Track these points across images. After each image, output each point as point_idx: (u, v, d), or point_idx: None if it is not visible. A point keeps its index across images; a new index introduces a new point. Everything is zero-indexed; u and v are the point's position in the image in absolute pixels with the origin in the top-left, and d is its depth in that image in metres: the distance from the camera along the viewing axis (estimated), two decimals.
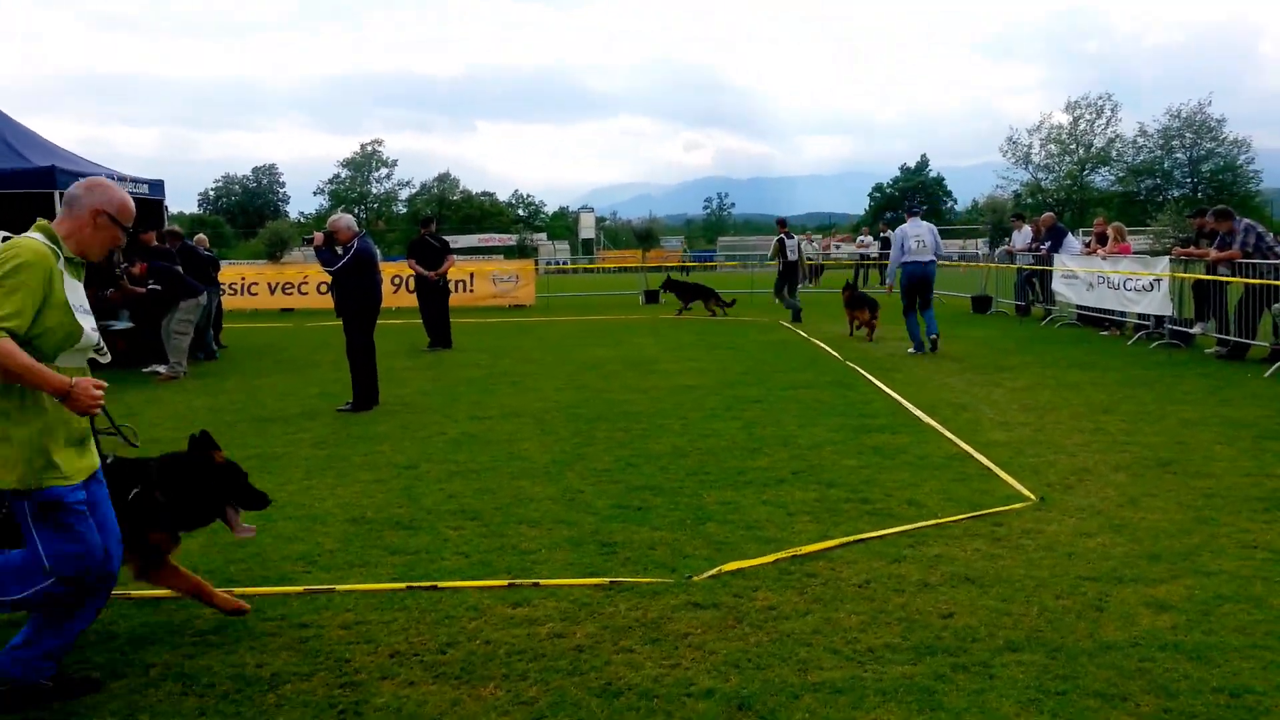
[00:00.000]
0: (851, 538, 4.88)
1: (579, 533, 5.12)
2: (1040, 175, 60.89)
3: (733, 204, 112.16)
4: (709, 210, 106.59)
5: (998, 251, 21.29)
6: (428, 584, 4.35)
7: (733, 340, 14.48)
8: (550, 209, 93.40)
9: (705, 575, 4.40)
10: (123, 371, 11.98)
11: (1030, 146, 60.81)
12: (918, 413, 8.13)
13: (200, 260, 13.43)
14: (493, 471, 6.50)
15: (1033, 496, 5.55)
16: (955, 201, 76.17)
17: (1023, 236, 18.64)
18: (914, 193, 73.32)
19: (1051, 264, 16.08)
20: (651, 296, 23.29)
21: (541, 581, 4.36)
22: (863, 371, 10.62)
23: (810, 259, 27.30)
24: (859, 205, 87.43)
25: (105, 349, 3.50)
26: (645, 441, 7.33)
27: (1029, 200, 55.32)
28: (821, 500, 5.62)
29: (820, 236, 40.40)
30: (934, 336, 12.37)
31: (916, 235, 12.33)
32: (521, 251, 53.97)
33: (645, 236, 37.32)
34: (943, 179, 76.66)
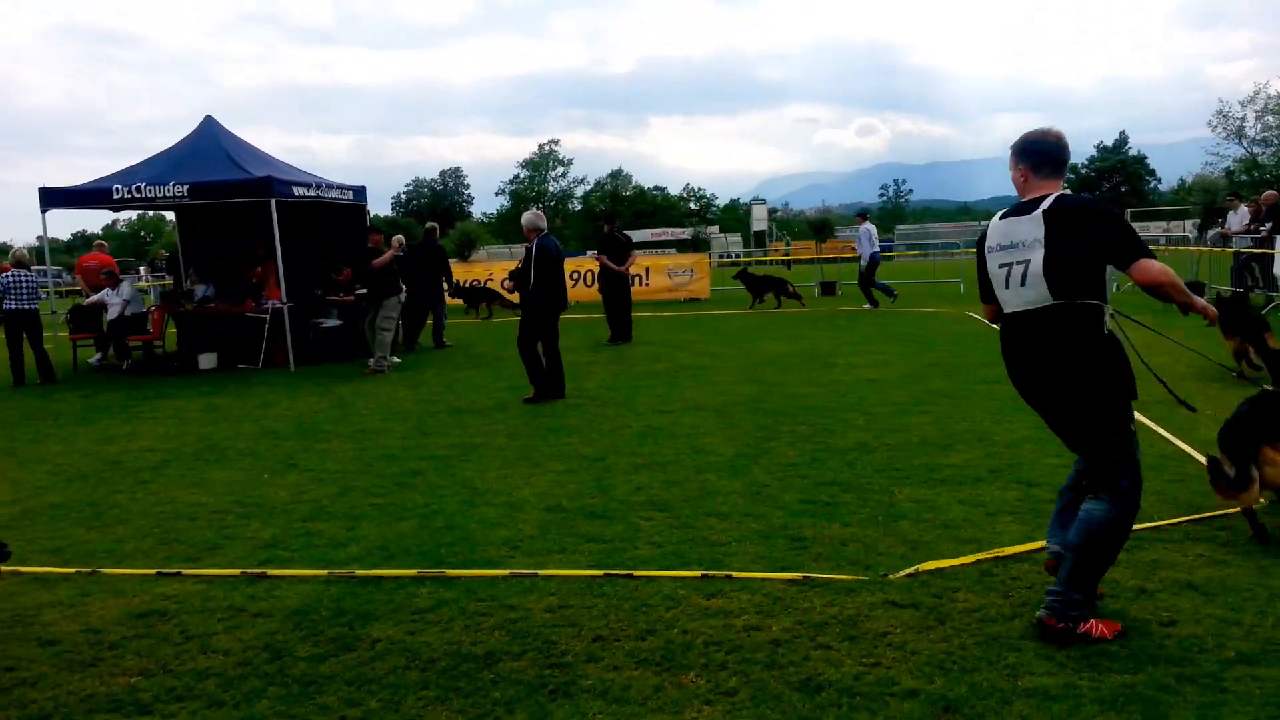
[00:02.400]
0: None
1: (768, 526, 5.13)
2: (1256, 150, 55.62)
3: (910, 190, 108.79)
4: (885, 198, 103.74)
5: (1210, 234, 19.70)
6: (624, 572, 4.47)
7: (916, 332, 14.06)
8: (721, 201, 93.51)
9: (902, 574, 4.32)
10: (332, 365, 12.92)
11: (1244, 119, 55.56)
12: None
13: (433, 258, 14.97)
14: (678, 464, 6.60)
15: (1262, 500, 5.12)
16: (1159, 181, 70.80)
17: (1240, 217, 17.15)
18: (1111, 173, 68.68)
19: (1274, 246, 14.71)
20: (828, 288, 22.93)
21: (734, 574, 4.40)
22: None
23: None
24: None
25: None
26: (829, 436, 7.25)
27: (1244, 178, 50.67)
28: (1024, 500, 5.40)
29: None
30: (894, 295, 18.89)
31: (871, 233, 18.52)
32: (695, 245, 54.26)
33: (820, 227, 36.76)
34: (1144, 157, 71.39)
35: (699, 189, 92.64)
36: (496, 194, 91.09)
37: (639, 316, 16.11)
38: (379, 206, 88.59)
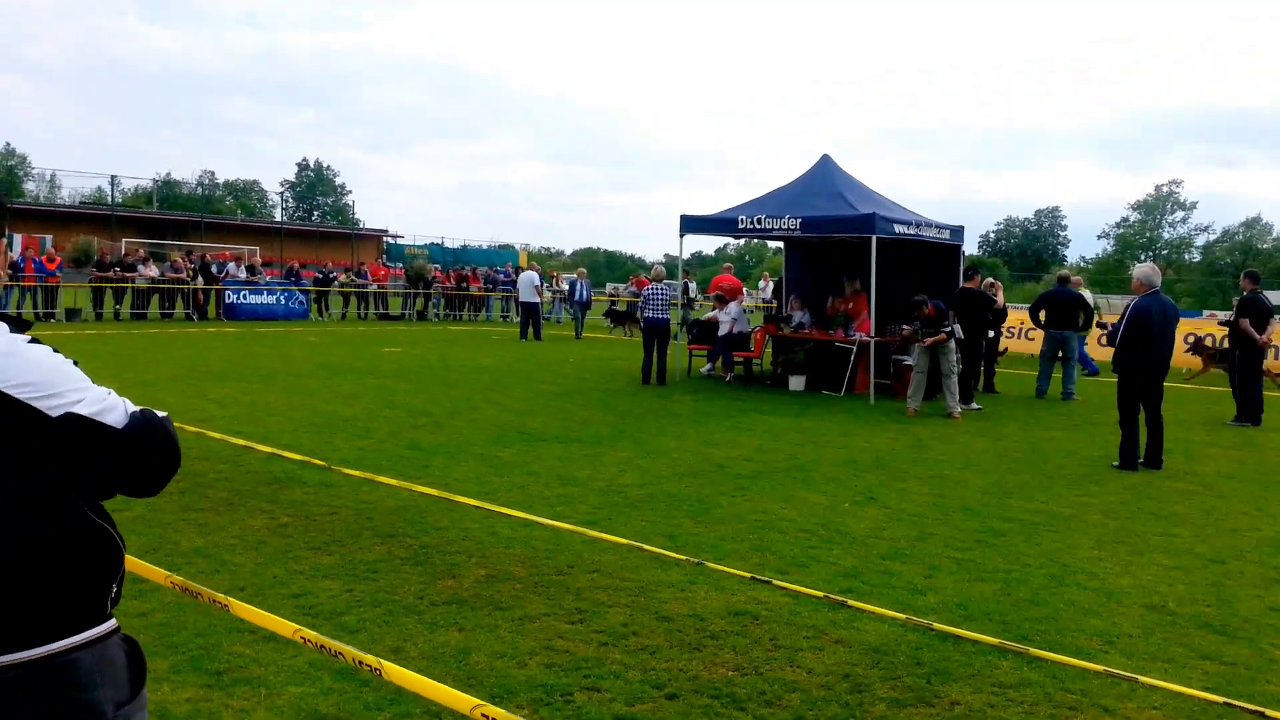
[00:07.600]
0: None
1: None
2: None
3: None
4: None
5: None
6: (1253, 708, 3.79)
7: None
8: None
9: None
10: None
11: None
12: None
13: (1072, 307, 14.75)
14: None
15: None
16: None
17: None
18: None
19: None
20: None
21: None
22: None
23: None
24: None
25: None
26: None
27: None
28: None
29: None
30: None
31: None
32: None
33: None
34: None
35: None
36: (1099, 237, 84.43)
37: (1270, 395, 13.62)
38: (967, 245, 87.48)
